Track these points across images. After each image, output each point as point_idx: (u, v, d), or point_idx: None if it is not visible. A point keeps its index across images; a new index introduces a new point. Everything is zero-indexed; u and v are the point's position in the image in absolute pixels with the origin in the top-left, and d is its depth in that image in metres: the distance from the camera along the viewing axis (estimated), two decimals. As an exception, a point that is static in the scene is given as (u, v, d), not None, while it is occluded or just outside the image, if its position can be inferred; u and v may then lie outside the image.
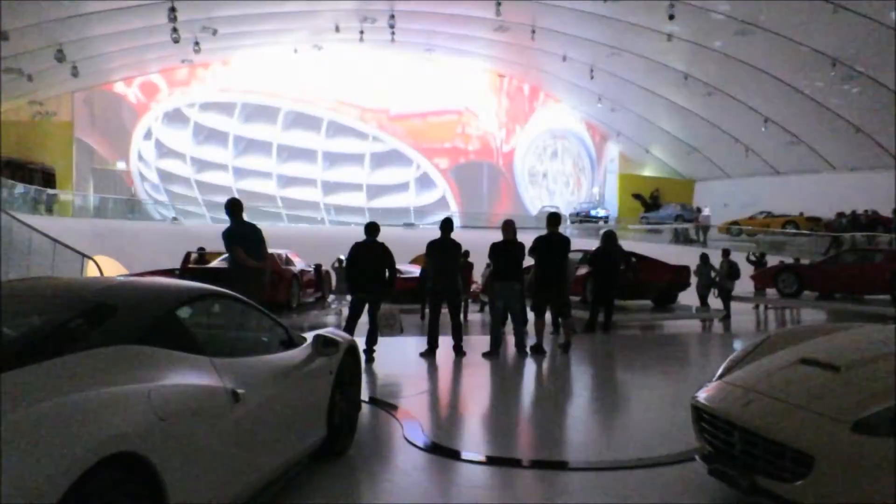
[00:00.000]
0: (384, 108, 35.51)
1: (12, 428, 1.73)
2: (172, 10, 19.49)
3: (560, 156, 39.10)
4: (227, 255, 14.43)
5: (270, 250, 13.91)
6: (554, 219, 8.69)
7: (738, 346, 9.11)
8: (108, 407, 2.04)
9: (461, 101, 36.81)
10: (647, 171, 37.52)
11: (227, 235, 7.15)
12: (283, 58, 30.99)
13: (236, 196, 9.23)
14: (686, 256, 16.79)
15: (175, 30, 20.42)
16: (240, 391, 2.73)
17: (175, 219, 30.03)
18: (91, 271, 15.27)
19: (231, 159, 33.24)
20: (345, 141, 34.71)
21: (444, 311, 8.19)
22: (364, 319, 7.89)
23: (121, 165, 32.04)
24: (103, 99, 31.18)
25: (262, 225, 7.58)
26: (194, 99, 33.00)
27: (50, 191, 26.84)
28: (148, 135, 32.41)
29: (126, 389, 2.16)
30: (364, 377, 5.32)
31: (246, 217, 7.44)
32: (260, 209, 29.45)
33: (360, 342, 6.59)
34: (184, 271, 13.10)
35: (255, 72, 33.05)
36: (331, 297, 16.57)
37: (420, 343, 8.40)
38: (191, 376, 2.54)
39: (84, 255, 15.50)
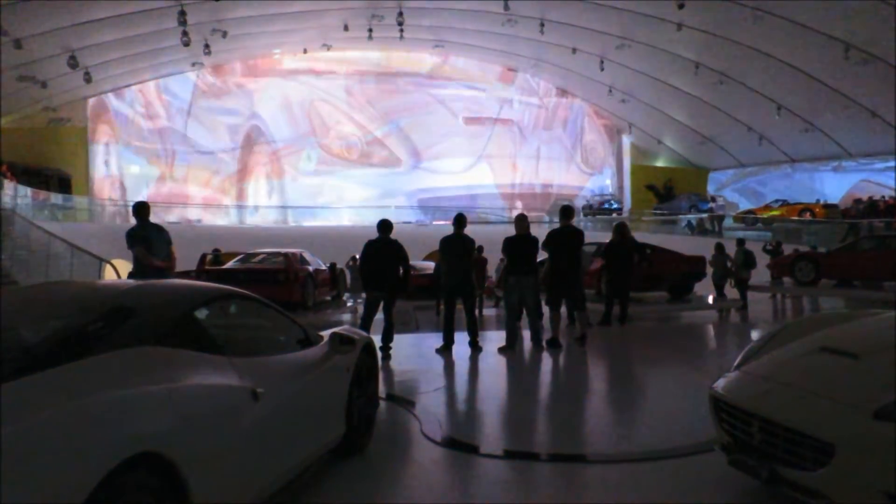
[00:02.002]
0: None
1: (37, 430, 1.75)
2: (182, 13, 19.60)
3: None
4: (241, 255, 14.66)
5: (286, 250, 14.14)
6: (567, 212, 8.67)
7: (755, 335, 9.05)
8: (131, 408, 2.06)
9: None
10: (660, 162, 37.28)
11: (129, 235, 7.26)
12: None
13: None
14: (701, 246, 16.68)
15: (185, 33, 20.53)
16: (259, 390, 2.75)
17: (199, 220, 30.62)
18: (108, 274, 15.38)
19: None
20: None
21: (459, 306, 8.21)
22: (379, 317, 7.93)
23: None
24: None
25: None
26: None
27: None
28: None
29: (147, 390, 2.19)
30: (381, 374, 5.34)
31: None
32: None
33: (377, 339, 6.62)
34: (200, 272, 13.23)
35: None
36: (346, 296, 16.63)
37: (436, 339, 8.41)
38: (211, 376, 2.56)
39: (101, 259, 15.62)
